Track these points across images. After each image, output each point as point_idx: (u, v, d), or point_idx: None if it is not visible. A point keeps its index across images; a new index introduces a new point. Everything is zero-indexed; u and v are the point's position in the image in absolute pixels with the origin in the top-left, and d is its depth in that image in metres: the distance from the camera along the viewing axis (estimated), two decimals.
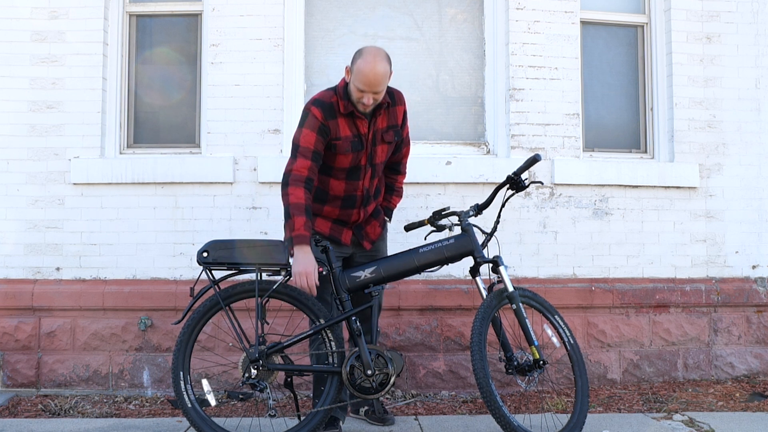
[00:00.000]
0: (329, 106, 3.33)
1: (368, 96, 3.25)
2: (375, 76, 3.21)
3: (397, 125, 3.50)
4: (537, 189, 4.72)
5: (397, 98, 3.49)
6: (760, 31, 4.95)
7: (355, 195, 3.46)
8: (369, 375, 3.20)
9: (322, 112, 3.31)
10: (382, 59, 3.25)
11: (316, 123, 3.30)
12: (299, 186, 3.23)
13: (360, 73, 3.22)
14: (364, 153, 3.41)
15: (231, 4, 4.66)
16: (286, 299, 3.34)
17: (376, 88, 3.24)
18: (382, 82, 3.24)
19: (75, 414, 4.09)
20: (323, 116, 3.30)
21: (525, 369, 3.31)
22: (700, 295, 4.74)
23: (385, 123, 3.45)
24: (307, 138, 3.29)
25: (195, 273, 4.41)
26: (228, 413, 4.08)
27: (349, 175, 3.42)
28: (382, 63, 3.23)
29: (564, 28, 4.80)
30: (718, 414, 3.96)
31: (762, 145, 4.93)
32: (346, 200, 3.46)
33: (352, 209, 3.48)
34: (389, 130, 3.46)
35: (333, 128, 3.33)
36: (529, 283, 4.58)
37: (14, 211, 4.57)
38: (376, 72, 3.21)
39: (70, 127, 4.59)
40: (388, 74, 3.27)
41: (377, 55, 3.25)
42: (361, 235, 3.54)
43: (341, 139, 3.34)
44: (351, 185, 3.44)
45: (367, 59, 3.22)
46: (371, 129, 3.40)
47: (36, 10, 4.62)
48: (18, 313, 4.47)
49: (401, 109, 3.52)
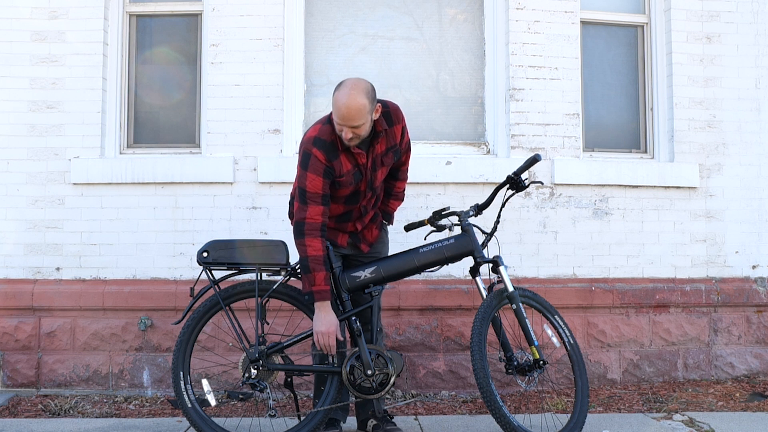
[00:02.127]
0: (330, 145, 3.20)
1: (346, 130, 3.10)
2: (348, 111, 3.06)
3: (396, 144, 3.40)
4: (537, 189, 4.72)
5: (394, 118, 3.33)
6: (760, 31, 4.95)
7: (352, 212, 3.44)
8: (369, 375, 3.20)
9: (325, 154, 3.18)
10: (359, 92, 3.07)
11: (321, 166, 3.17)
12: (316, 237, 3.16)
13: (335, 106, 3.10)
14: (363, 181, 3.34)
15: (231, 4, 4.66)
16: (286, 299, 3.35)
17: (351, 122, 3.08)
18: (356, 117, 3.07)
19: (75, 414, 4.10)
20: (326, 158, 3.18)
21: (525, 369, 3.31)
22: (700, 295, 4.74)
23: (384, 147, 3.34)
24: (314, 183, 3.17)
25: (195, 273, 4.41)
26: (228, 413, 4.08)
27: (348, 200, 3.39)
28: (358, 97, 3.06)
29: (564, 28, 4.80)
30: (718, 414, 3.96)
31: (762, 145, 4.93)
32: (344, 216, 3.43)
33: (349, 222, 3.46)
34: (388, 153, 3.38)
35: (337, 168, 3.23)
36: (529, 283, 4.58)
37: (14, 211, 4.57)
38: (350, 106, 3.05)
39: (70, 127, 4.59)
40: (365, 109, 3.08)
41: (354, 87, 3.08)
42: (358, 239, 3.51)
43: (344, 175, 3.27)
44: (349, 207, 3.41)
45: (342, 92, 3.08)
46: (369, 158, 3.30)
47: (36, 10, 4.62)
48: (18, 313, 4.47)
49: (399, 127, 3.36)
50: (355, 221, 3.46)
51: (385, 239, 3.68)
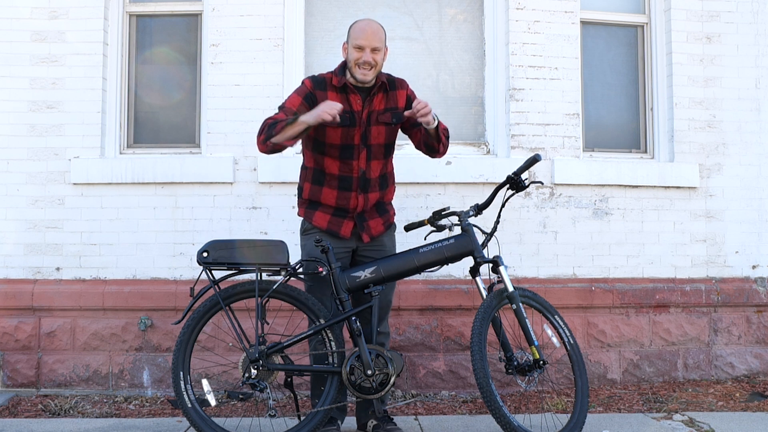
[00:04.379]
0: (321, 80, 3.45)
1: (367, 53, 3.33)
2: (370, 28, 3.36)
3: (397, 108, 3.50)
4: (537, 189, 4.72)
5: (398, 83, 3.55)
6: (760, 31, 4.95)
7: (351, 177, 3.43)
8: (369, 375, 3.20)
9: (312, 83, 3.44)
10: (375, 21, 3.46)
11: (304, 90, 3.42)
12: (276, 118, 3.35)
13: (356, 30, 3.38)
14: (356, 131, 3.40)
15: (231, 4, 4.66)
16: (286, 299, 3.34)
17: (374, 41, 3.34)
18: (377, 38, 3.36)
19: (75, 414, 4.10)
20: (312, 86, 3.43)
21: (525, 369, 3.31)
22: (700, 295, 4.74)
23: (383, 105, 3.47)
24: (291, 100, 3.40)
25: (195, 273, 4.41)
26: (228, 413, 4.09)
27: (342, 153, 3.41)
28: (376, 23, 3.44)
29: (564, 28, 4.80)
30: (718, 414, 3.96)
31: (762, 145, 4.93)
32: (342, 181, 3.43)
33: (350, 192, 3.44)
34: (386, 112, 3.47)
35: (320, 98, 3.37)
36: (529, 283, 4.58)
37: (14, 211, 4.57)
38: (371, 25, 3.38)
39: (70, 127, 4.59)
40: (383, 33, 3.41)
41: (370, 18, 3.53)
42: (362, 227, 3.48)
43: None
44: (345, 165, 3.42)
45: (361, 20, 3.48)
46: (365, 107, 3.42)
47: (36, 10, 4.62)
48: (18, 313, 4.47)
49: (403, 93, 3.54)
50: (356, 191, 3.44)
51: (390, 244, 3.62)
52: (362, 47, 3.33)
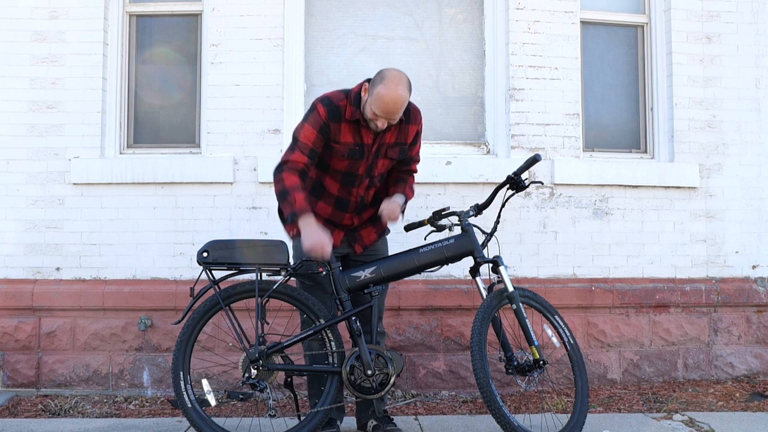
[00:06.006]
0: (336, 109, 3.27)
1: (382, 121, 3.20)
2: (395, 106, 3.15)
3: (406, 143, 3.42)
4: (537, 189, 4.72)
5: (413, 117, 3.40)
6: (760, 31, 4.96)
7: (349, 200, 3.42)
8: (369, 375, 3.20)
9: (327, 113, 3.25)
10: (404, 88, 3.16)
11: (319, 121, 3.26)
12: (294, 173, 3.22)
13: (379, 100, 3.14)
14: (363, 163, 3.35)
15: (231, 4, 4.66)
16: (286, 299, 3.34)
17: (393, 116, 3.20)
18: (399, 111, 3.20)
19: (75, 414, 4.10)
20: (327, 116, 3.25)
21: (525, 369, 3.31)
22: (700, 295, 4.74)
23: (394, 139, 3.37)
24: (306, 134, 3.26)
25: (195, 273, 4.41)
26: (228, 413, 4.09)
27: (345, 179, 3.38)
28: (403, 93, 3.16)
29: (564, 28, 4.80)
30: (718, 414, 3.96)
31: (762, 145, 4.93)
32: (339, 201, 3.42)
33: (345, 213, 3.44)
34: (396, 147, 3.39)
35: (334, 131, 3.28)
36: (529, 283, 4.58)
37: (14, 211, 4.57)
38: (396, 102, 3.15)
39: (70, 127, 4.59)
40: (406, 102, 3.21)
41: (399, 83, 3.15)
42: (354, 238, 3.50)
43: (340, 143, 3.30)
44: (345, 189, 3.40)
45: (389, 87, 3.13)
46: (377, 141, 3.33)
47: (36, 10, 4.62)
48: (18, 313, 4.47)
49: (414, 128, 3.42)
50: (352, 213, 3.45)
51: (383, 248, 3.63)
52: (379, 116, 3.20)
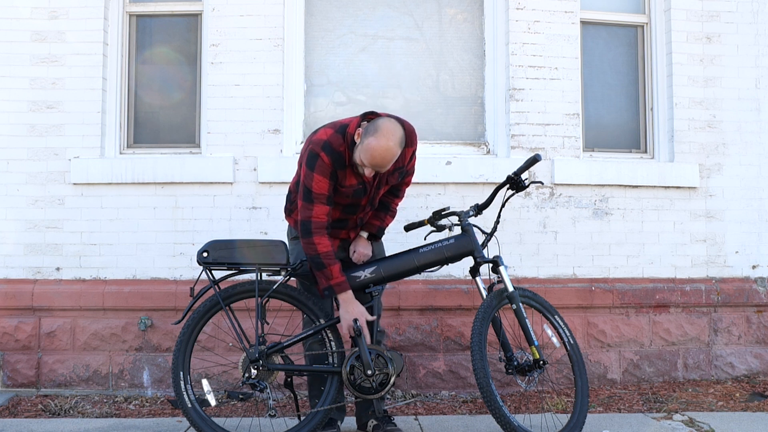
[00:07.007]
0: (338, 156, 3.19)
1: (369, 170, 3.16)
2: (383, 160, 3.10)
3: (404, 166, 3.41)
4: (537, 189, 4.72)
5: (408, 140, 3.29)
6: (760, 31, 4.95)
7: (348, 221, 3.45)
8: (369, 375, 3.20)
9: (332, 161, 3.18)
10: (395, 143, 3.10)
11: (328, 170, 3.18)
12: (324, 234, 3.19)
13: (368, 152, 3.08)
14: (366, 196, 3.36)
15: (231, 4, 4.66)
16: (286, 299, 3.35)
17: (381, 169, 3.15)
18: (388, 164, 3.15)
19: (75, 414, 4.09)
20: (332, 165, 3.18)
21: (525, 369, 3.31)
22: (700, 295, 4.74)
23: (393, 167, 3.34)
24: (320, 185, 3.18)
25: (195, 273, 4.41)
26: (228, 413, 4.08)
27: (347, 209, 3.39)
28: (393, 147, 3.09)
29: (564, 28, 4.80)
30: (718, 414, 3.96)
31: (762, 145, 4.93)
32: (339, 222, 3.43)
33: (343, 230, 3.47)
34: (395, 172, 3.39)
35: (341, 177, 3.25)
36: (529, 283, 4.58)
37: (14, 211, 4.57)
38: (385, 157, 3.09)
39: (70, 127, 4.59)
40: (396, 156, 3.15)
41: (391, 137, 3.08)
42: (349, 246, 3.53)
43: (346, 187, 3.28)
44: (346, 215, 3.42)
45: (380, 140, 3.07)
46: (377, 177, 3.32)
47: (36, 10, 4.62)
48: (18, 313, 4.47)
49: (411, 150, 3.37)
50: (349, 230, 3.49)
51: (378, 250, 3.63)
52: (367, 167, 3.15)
